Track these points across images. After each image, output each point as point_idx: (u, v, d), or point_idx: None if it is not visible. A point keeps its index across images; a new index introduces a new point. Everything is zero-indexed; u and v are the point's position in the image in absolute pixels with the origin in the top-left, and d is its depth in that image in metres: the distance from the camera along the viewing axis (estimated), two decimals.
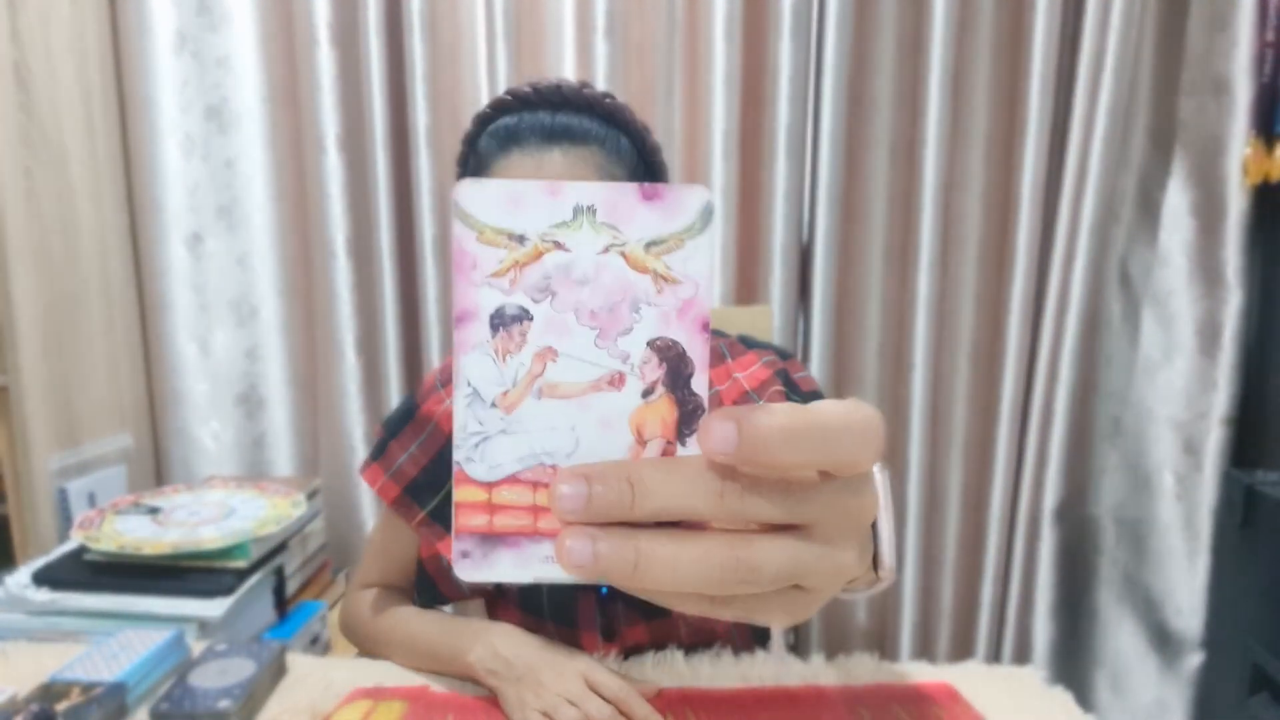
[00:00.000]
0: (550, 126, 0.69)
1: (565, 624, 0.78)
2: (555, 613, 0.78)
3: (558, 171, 0.68)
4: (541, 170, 0.68)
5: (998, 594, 1.46)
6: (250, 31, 1.43)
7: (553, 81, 0.72)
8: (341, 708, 0.65)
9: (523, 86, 0.72)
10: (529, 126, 0.69)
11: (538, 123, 0.69)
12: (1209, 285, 1.32)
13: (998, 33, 1.35)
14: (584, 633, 0.77)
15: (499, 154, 0.70)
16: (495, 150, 0.70)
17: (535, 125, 0.69)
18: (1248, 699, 1.17)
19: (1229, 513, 1.27)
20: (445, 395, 0.79)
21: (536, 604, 0.78)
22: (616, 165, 0.71)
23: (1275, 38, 1.23)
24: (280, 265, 1.50)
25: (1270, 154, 1.23)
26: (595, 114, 0.71)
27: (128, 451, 1.42)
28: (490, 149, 0.71)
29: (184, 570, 0.88)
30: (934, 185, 1.36)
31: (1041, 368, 1.39)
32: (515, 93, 0.72)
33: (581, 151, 0.69)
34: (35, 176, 1.22)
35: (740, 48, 1.34)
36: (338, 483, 1.48)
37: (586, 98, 0.71)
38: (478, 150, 0.73)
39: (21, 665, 0.72)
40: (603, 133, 0.71)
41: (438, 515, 0.77)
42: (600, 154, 0.70)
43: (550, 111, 0.70)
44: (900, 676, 0.71)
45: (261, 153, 1.47)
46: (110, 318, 1.39)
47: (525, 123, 0.70)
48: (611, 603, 0.77)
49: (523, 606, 0.79)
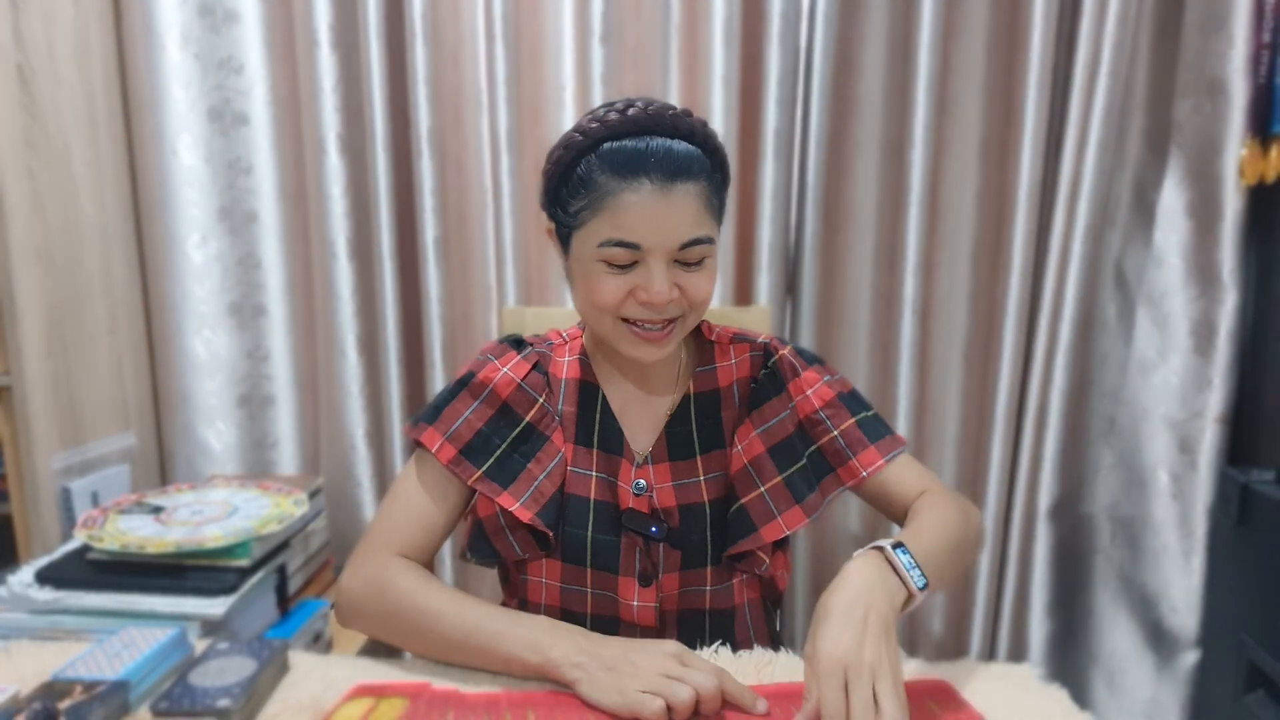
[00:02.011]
0: (677, 161, 0.72)
1: (607, 570, 0.81)
2: (596, 559, 0.81)
3: (681, 205, 0.72)
4: (667, 204, 0.72)
5: (993, 592, 1.46)
6: (253, 33, 1.44)
7: (658, 105, 0.75)
8: (343, 704, 0.66)
9: (632, 108, 0.74)
10: (657, 160, 0.72)
11: (663, 154, 0.72)
12: (1204, 285, 1.33)
13: (993, 33, 1.35)
14: (623, 578, 0.81)
15: (627, 180, 0.72)
16: (623, 175, 0.72)
17: (662, 157, 0.72)
18: (1243, 696, 1.18)
19: (1224, 511, 1.27)
20: (499, 365, 0.84)
21: (579, 553, 0.81)
22: (715, 196, 0.77)
23: (1271, 39, 1.23)
24: (283, 266, 1.51)
25: (1266, 155, 1.24)
26: (705, 148, 0.75)
27: (131, 451, 1.43)
28: (616, 172, 0.72)
29: (186, 569, 0.88)
30: (921, 187, 1.37)
31: (1037, 367, 1.40)
32: (628, 115, 0.73)
33: (695, 188, 0.73)
34: (39, 177, 1.22)
35: (738, 52, 1.35)
36: (340, 482, 1.49)
37: (690, 125, 0.75)
38: (590, 165, 0.74)
39: (24, 663, 0.73)
40: (710, 167, 0.76)
41: (491, 474, 0.80)
42: (709, 189, 0.75)
43: (668, 139, 0.73)
44: None
45: (264, 154, 1.47)
46: (114, 318, 1.40)
47: (651, 152, 0.72)
48: (654, 546, 0.81)
49: (565, 557, 0.81)
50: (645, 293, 0.73)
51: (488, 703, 0.66)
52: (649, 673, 0.64)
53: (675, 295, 0.74)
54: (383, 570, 0.78)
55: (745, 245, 1.43)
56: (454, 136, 1.43)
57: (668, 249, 0.73)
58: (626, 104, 0.75)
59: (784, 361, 0.87)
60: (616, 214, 0.72)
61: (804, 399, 0.85)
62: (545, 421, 0.83)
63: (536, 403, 0.83)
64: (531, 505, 0.79)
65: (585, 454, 0.84)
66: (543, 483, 0.81)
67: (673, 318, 0.77)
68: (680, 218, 0.72)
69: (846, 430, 0.84)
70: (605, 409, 0.86)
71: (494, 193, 1.42)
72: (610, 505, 0.82)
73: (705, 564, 0.82)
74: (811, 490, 0.83)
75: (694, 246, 0.73)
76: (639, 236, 0.72)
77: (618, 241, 0.72)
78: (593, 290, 0.75)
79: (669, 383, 0.87)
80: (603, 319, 0.78)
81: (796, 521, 0.81)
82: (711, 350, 0.89)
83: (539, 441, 0.83)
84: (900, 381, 1.44)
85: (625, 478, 0.83)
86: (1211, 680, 1.32)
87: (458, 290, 1.47)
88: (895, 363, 1.44)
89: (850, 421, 0.85)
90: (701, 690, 0.63)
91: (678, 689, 0.62)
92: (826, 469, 0.85)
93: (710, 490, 0.83)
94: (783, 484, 0.82)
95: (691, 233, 0.73)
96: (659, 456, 0.84)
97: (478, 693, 0.68)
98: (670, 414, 0.86)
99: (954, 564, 0.75)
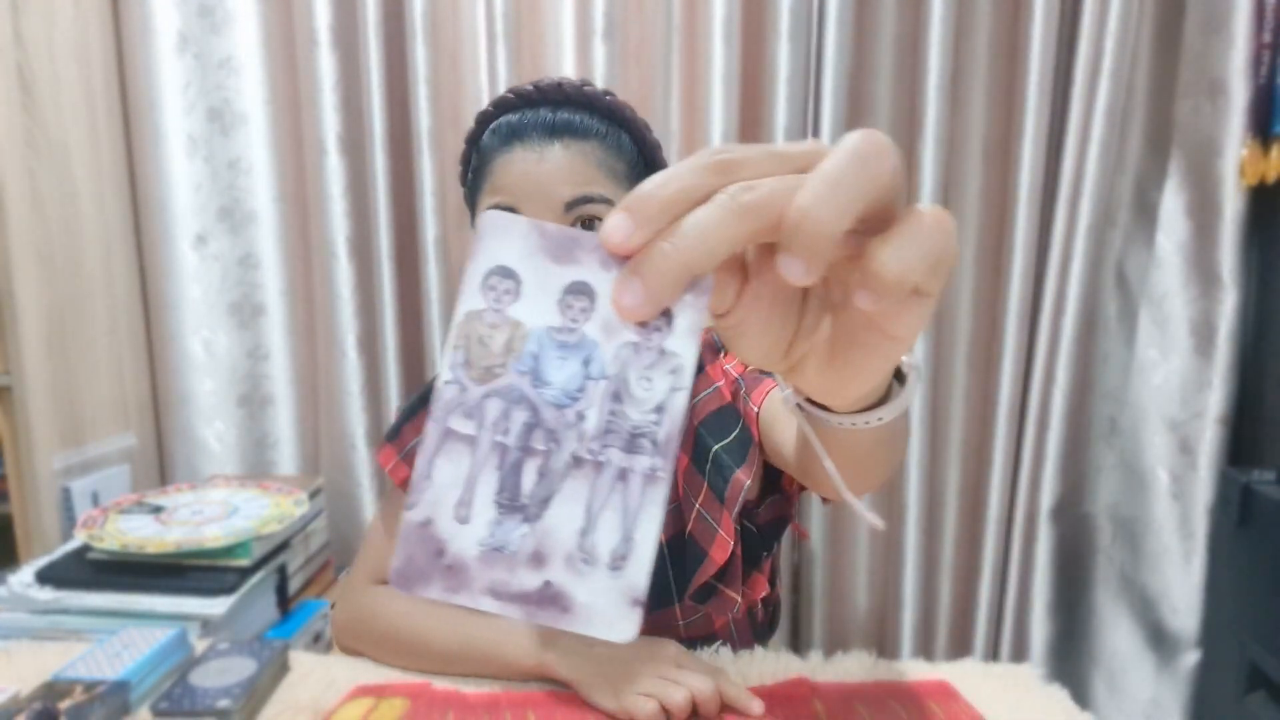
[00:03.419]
0: (552, 122, 0.70)
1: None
2: None
3: (559, 163, 0.68)
4: (543, 162, 0.68)
5: (995, 592, 1.46)
6: (252, 33, 1.43)
7: (554, 80, 0.73)
8: (343, 705, 0.66)
9: (525, 85, 0.74)
10: (531, 122, 0.70)
11: (540, 118, 0.70)
12: (1205, 286, 1.33)
13: (995, 35, 1.35)
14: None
15: (501, 149, 0.70)
16: (498, 145, 0.71)
17: (537, 121, 0.70)
18: (1244, 697, 1.18)
19: (1225, 511, 1.27)
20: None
21: None
22: (617, 160, 0.71)
23: (1272, 39, 1.23)
24: (282, 266, 1.51)
25: (1266, 155, 1.24)
26: (596, 110, 0.72)
27: (131, 451, 1.43)
28: (492, 145, 0.71)
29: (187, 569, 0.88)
30: (932, 186, 1.37)
31: (1038, 368, 1.40)
32: (517, 91, 0.73)
33: (583, 146, 0.70)
34: (39, 178, 1.22)
35: (739, 49, 1.35)
36: (340, 482, 1.49)
37: (587, 95, 0.72)
38: (480, 147, 0.74)
39: (24, 664, 0.72)
40: (604, 128, 0.72)
41: None
42: (601, 149, 0.71)
43: (552, 108, 0.71)
44: (898, 674, 0.71)
45: (263, 154, 1.47)
46: (114, 318, 1.40)
47: (528, 119, 0.70)
48: None
49: None
50: None
51: (488, 703, 0.66)
52: (645, 674, 0.64)
53: None
54: (369, 599, 0.78)
55: None
56: (454, 135, 1.43)
57: (550, 208, 0.68)
58: (526, 83, 0.74)
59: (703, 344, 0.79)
60: (493, 180, 0.70)
61: (726, 379, 0.78)
62: None
63: None
64: None
65: None
66: None
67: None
68: (559, 175, 0.68)
69: (749, 378, 0.76)
70: None
71: None
72: None
73: (672, 603, 0.78)
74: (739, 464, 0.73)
75: (584, 205, 0.68)
76: (514, 198, 0.68)
77: (493, 205, 0.68)
78: None
79: None
80: None
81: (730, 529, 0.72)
82: None
83: None
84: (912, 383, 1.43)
85: None
86: (1212, 681, 1.32)
87: (457, 290, 1.47)
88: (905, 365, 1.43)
89: (756, 372, 0.76)
90: (697, 692, 0.62)
91: (672, 691, 0.62)
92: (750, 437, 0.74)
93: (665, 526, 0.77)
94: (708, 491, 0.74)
95: (577, 190, 0.68)
96: None
97: (478, 693, 0.68)
98: None
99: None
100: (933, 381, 1.45)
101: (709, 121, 1.37)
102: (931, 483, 1.48)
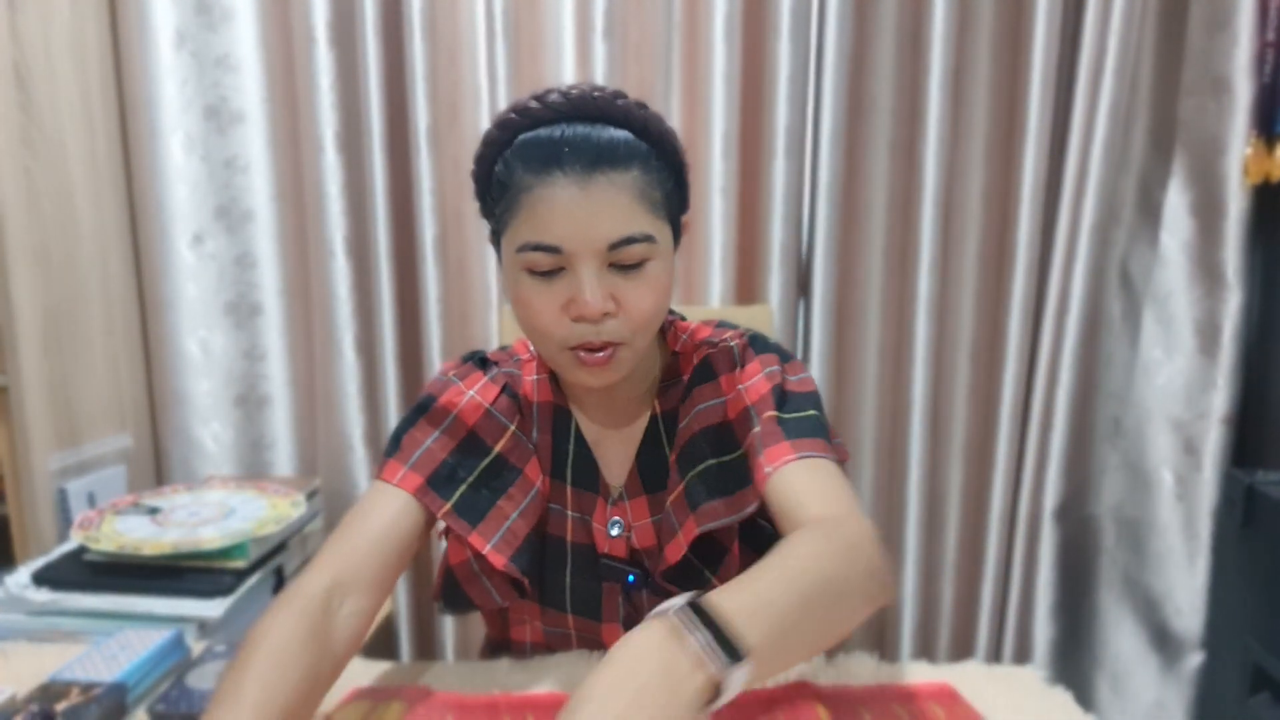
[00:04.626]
0: (596, 149, 0.64)
1: (589, 616, 0.76)
2: (578, 606, 0.76)
3: (602, 201, 0.63)
4: (587, 200, 0.63)
5: (998, 594, 1.46)
6: (249, 31, 1.43)
7: (585, 90, 0.66)
8: (340, 709, 0.65)
9: (552, 94, 0.66)
10: (571, 147, 0.63)
11: (579, 142, 0.64)
12: (1209, 285, 1.32)
13: (998, 33, 1.34)
14: (606, 625, 0.76)
15: (540, 175, 0.63)
16: (536, 170, 0.64)
17: (576, 144, 0.64)
18: (1248, 699, 1.17)
19: (1229, 512, 1.27)
20: (463, 388, 0.75)
21: (559, 599, 0.77)
22: (655, 188, 0.67)
23: (1275, 37, 1.23)
24: (279, 265, 1.50)
25: (1270, 154, 1.24)
26: (632, 128, 0.67)
27: (127, 452, 1.42)
28: (528, 167, 0.64)
29: (183, 570, 0.88)
30: (934, 185, 1.36)
31: (1042, 368, 1.39)
32: (546, 101, 0.66)
33: (624, 177, 0.64)
34: (35, 176, 1.22)
35: (740, 48, 1.34)
36: (337, 483, 1.48)
37: (622, 109, 0.66)
38: (509, 163, 0.66)
39: (21, 665, 0.72)
40: (643, 151, 0.66)
41: (459, 509, 0.71)
42: (642, 178, 0.65)
43: (588, 125, 0.65)
44: (900, 677, 0.71)
45: (261, 152, 1.46)
46: (110, 318, 1.39)
47: (566, 141, 0.64)
48: (636, 593, 0.76)
49: (544, 602, 0.77)
50: (575, 305, 0.64)
51: (486, 706, 0.66)
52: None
53: (611, 307, 0.64)
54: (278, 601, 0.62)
55: (749, 243, 1.42)
56: (452, 134, 1.42)
57: (595, 250, 0.63)
58: (549, 90, 0.66)
59: (720, 353, 0.75)
60: (532, 213, 0.64)
61: (736, 396, 0.73)
62: (518, 452, 0.75)
63: (507, 431, 0.74)
64: (504, 549, 0.71)
65: (560, 489, 0.77)
66: (515, 523, 0.72)
67: (613, 341, 0.66)
68: (604, 213, 0.63)
69: (766, 422, 0.69)
70: (579, 438, 0.77)
71: None
72: (588, 548, 0.76)
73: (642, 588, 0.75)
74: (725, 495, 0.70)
75: (628, 246, 0.64)
76: (557, 237, 0.63)
77: (535, 244, 0.64)
78: (523, 305, 0.66)
79: (639, 404, 0.77)
80: (544, 345, 0.69)
81: (689, 535, 0.69)
82: (678, 363, 0.78)
83: (510, 475, 0.74)
84: (915, 383, 1.43)
85: (600, 518, 0.76)
86: (1216, 682, 1.31)
87: (456, 290, 1.46)
88: (909, 364, 1.43)
89: (772, 414, 0.69)
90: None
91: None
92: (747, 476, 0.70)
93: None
94: (682, 494, 0.71)
95: (622, 230, 0.63)
96: (634, 490, 0.76)
97: (476, 697, 0.68)
98: (639, 441, 0.77)
99: (812, 619, 0.53)
100: (935, 381, 1.44)
101: (709, 121, 1.36)
102: (933, 483, 1.47)
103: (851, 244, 1.43)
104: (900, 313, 1.44)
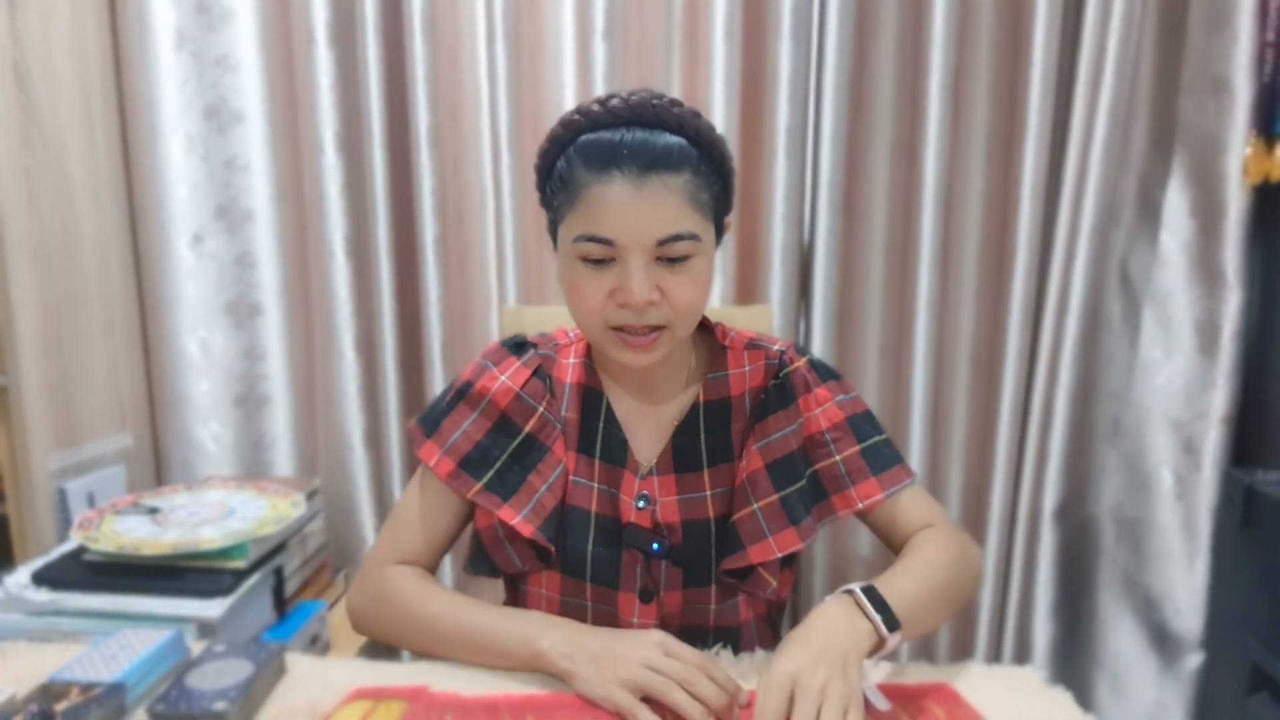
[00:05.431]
0: (652, 153, 0.70)
1: (607, 585, 0.80)
2: (597, 574, 0.80)
3: (655, 200, 0.69)
4: (640, 199, 0.69)
5: (997, 594, 1.46)
6: (249, 31, 1.43)
7: (644, 96, 0.72)
8: (341, 708, 0.65)
9: (614, 99, 0.72)
10: (629, 150, 0.70)
11: (638, 146, 0.70)
12: (1209, 285, 1.32)
13: (998, 33, 1.34)
14: (623, 594, 0.80)
15: (600, 174, 0.70)
16: (596, 170, 0.70)
17: (635, 148, 0.70)
18: (1247, 698, 1.17)
19: (1228, 512, 1.27)
20: (498, 373, 0.83)
21: (579, 567, 0.80)
22: (704, 191, 0.73)
23: (1275, 37, 1.23)
24: (279, 265, 1.50)
25: (1270, 153, 1.24)
26: (685, 134, 0.72)
27: (127, 452, 1.42)
28: (589, 166, 0.71)
29: (183, 570, 0.88)
30: (934, 185, 1.36)
31: (1041, 368, 1.39)
32: (609, 106, 0.72)
33: (676, 180, 0.70)
34: (35, 176, 1.22)
35: (740, 48, 1.34)
36: (337, 483, 1.48)
37: (678, 117, 0.72)
38: (570, 160, 0.73)
39: (20, 665, 0.72)
40: (695, 156, 0.72)
41: (491, 486, 0.80)
42: (692, 181, 0.71)
43: (647, 130, 0.71)
44: (900, 677, 0.71)
45: (261, 152, 1.46)
46: (110, 318, 1.39)
47: (625, 144, 0.70)
48: (655, 562, 0.80)
49: (565, 570, 0.81)
50: (622, 293, 0.71)
51: (486, 706, 0.66)
52: (631, 663, 0.65)
53: (655, 297, 0.72)
54: (382, 582, 0.82)
55: (748, 243, 1.42)
56: (453, 134, 1.42)
57: (644, 245, 0.70)
58: (611, 95, 0.73)
59: (796, 375, 0.83)
60: (590, 207, 0.71)
61: (812, 417, 0.82)
62: (546, 431, 0.82)
63: (536, 412, 0.82)
64: (533, 519, 0.78)
65: (587, 464, 0.82)
66: (544, 495, 0.79)
67: (657, 325, 0.73)
68: (657, 211, 0.70)
69: (849, 458, 0.81)
70: (609, 416, 0.83)
71: (493, 191, 1.41)
72: (612, 519, 0.81)
73: (709, 582, 0.81)
74: (807, 513, 0.80)
75: (675, 243, 0.70)
76: (612, 231, 0.70)
77: (590, 236, 0.71)
78: (573, 289, 0.74)
79: (675, 389, 0.85)
80: (589, 325, 0.75)
81: (789, 544, 0.78)
82: (724, 356, 0.85)
83: (540, 453, 0.81)
84: (915, 383, 1.43)
85: (628, 490, 0.81)
86: (1216, 682, 1.31)
87: (456, 290, 1.46)
88: (909, 364, 1.43)
89: (855, 449, 0.81)
90: (682, 680, 0.64)
91: (651, 678, 0.64)
92: (822, 494, 0.82)
93: (716, 506, 0.81)
94: (779, 503, 0.79)
95: (671, 228, 0.70)
96: (664, 468, 0.82)
97: (476, 696, 0.68)
98: (678, 424, 0.83)
99: (938, 608, 0.75)
100: (935, 381, 1.44)
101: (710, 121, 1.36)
102: (933, 483, 1.47)
103: (852, 244, 1.43)
104: (900, 312, 1.44)
